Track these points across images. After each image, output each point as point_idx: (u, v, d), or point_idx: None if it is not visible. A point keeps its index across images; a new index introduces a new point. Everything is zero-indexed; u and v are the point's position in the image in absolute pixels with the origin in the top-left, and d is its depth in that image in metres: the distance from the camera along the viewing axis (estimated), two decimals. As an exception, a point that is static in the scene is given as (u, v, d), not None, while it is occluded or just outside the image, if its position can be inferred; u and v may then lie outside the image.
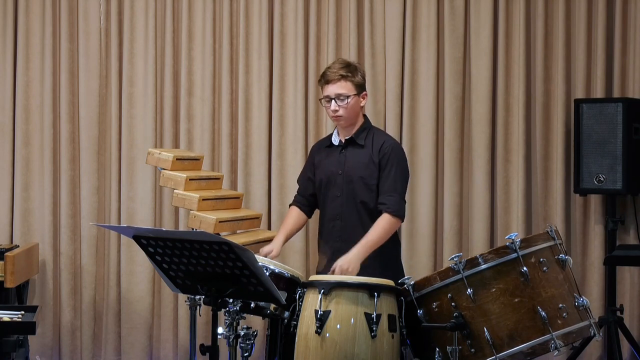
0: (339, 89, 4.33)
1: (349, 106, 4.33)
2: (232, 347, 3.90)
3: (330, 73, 4.35)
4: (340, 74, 4.33)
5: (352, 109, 4.35)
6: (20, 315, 4.27)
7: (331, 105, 4.33)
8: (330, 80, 4.34)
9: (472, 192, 5.76)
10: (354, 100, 4.34)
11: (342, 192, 4.38)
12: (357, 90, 4.35)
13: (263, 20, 5.84)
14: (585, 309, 3.84)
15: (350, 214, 4.36)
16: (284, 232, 4.55)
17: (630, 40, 5.67)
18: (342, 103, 4.32)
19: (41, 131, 5.90)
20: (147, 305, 5.89)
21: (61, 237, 5.91)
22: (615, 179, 5.44)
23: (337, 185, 4.40)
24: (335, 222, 4.40)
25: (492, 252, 3.79)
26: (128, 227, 4.33)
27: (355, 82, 4.35)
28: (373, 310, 3.75)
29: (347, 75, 4.33)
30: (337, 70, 4.34)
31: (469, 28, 5.79)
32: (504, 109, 5.76)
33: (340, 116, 4.34)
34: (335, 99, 4.33)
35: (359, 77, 4.38)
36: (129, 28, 5.89)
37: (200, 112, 5.89)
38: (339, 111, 4.33)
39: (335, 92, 4.33)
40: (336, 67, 4.37)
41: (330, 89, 4.34)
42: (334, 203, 4.40)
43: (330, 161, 4.45)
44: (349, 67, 4.37)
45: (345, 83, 4.33)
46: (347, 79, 4.33)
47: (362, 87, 4.40)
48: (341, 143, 4.44)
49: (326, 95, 4.36)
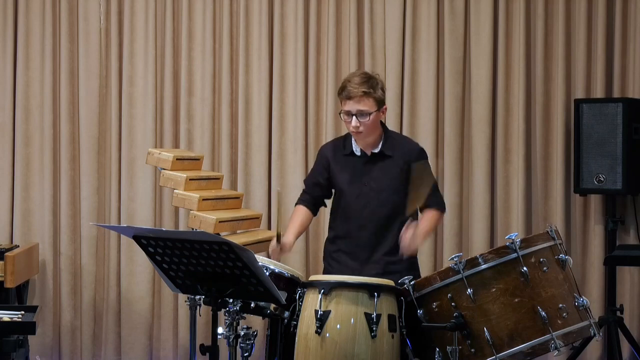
0: (360, 105, 4.22)
1: (370, 122, 4.25)
2: (232, 347, 3.89)
3: (352, 88, 4.23)
4: (362, 91, 4.21)
5: (373, 124, 4.27)
6: (20, 315, 4.27)
7: (352, 122, 4.24)
8: (352, 97, 4.23)
9: (472, 192, 5.76)
10: (375, 116, 4.25)
11: (368, 202, 4.32)
12: (378, 106, 4.26)
13: (263, 20, 5.84)
14: (585, 309, 3.84)
15: (378, 223, 4.31)
16: (294, 230, 4.42)
17: (630, 40, 5.67)
18: (363, 120, 4.22)
19: (41, 131, 5.90)
20: (147, 305, 5.89)
21: (61, 237, 5.91)
22: (615, 179, 5.44)
23: (362, 195, 4.32)
24: (362, 232, 4.32)
25: (492, 252, 3.78)
26: (128, 227, 4.33)
27: (376, 98, 4.25)
28: (373, 310, 3.75)
29: (369, 92, 4.22)
30: (358, 86, 4.22)
31: (469, 28, 5.79)
32: (504, 109, 5.76)
33: (360, 132, 4.28)
34: (356, 115, 4.24)
35: (380, 92, 4.27)
36: (129, 28, 5.89)
37: (200, 112, 5.90)
38: (359, 127, 4.26)
39: (357, 109, 4.22)
40: (357, 81, 4.25)
41: (351, 105, 4.23)
42: (360, 214, 4.32)
43: (353, 171, 4.37)
44: (370, 81, 4.26)
45: (367, 100, 4.23)
46: (369, 95, 4.22)
47: (383, 102, 4.30)
48: (365, 154, 4.37)
49: (347, 110, 4.26)
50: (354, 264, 4.33)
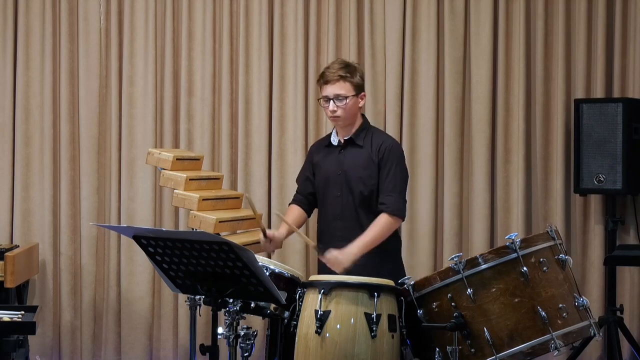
0: (337, 89, 4.32)
1: (347, 107, 4.33)
2: (232, 347, 3.90)
3: (329, 73, 4.35)
4: (339, 75, 4.32)
5: (351, 110, 4.35)
6: (20, 315, 4.27)
7: (329, 106, 4.33)
8: (329, 81, 4.34)
9: (472, 192, 5.76)
10: (352, 101, 4.34)
11: (341, 192, 4.38)
12: (356, 91, 4.35)
13: (263, 20, 5.84)
14: (585, 309, 3.84)
15: (350, 214, 4.36)
16: (285, 226, 4.49)
17: (630, 40, 5.67)
18: (340, 104, 4.32)
19: (41, 131, 5.90)
20: (147, 305, 5.89)
21: (61, 237, 5.91)
22: (615, 179, 5.44)
23: (336, 185, 4.40)
24: (337, 222, 4.39)
25: (492, 252, 3.78)
26: (128, 227, 4.33)
27: (354, 83, 4.35)
28: (373, 310, 3.75)
29: (346, 76, 4.33)
30: (336, 71, 4.34)
31: (469, 28, 5.79)
32: (504, 109, 5.76)
33: (338, 117, 4.34)
34: (333, 99, 4.33)
35: (358, 78, 4.37)
36: (129, 28, 5.89)
37: (200, 112, 5.90)
38: (337, 111, 4.33)
39: (334, 93, 4.33)
40: (335, 67, 4.37)
41: (328, 89, 4.34)
42: (334, 203, 4.40)
43: (329, 161, 4.45)
44: (348, 67, 4.37)
45: (344, 84, 4.33)
46: (345, 79, 4.33)
47: (361, 88, 4.40)
48: (340, 143, 4.44)
49: (325, 95, 4.36)
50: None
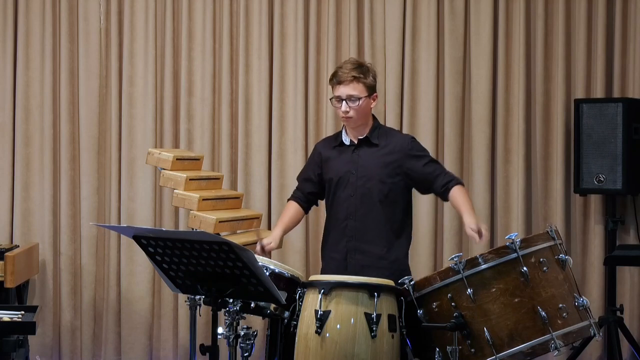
0: (350, 90, 4.29)
1: (359, 108, 4.29)
2: (232, 347, 3.89)
3: (342, 74, 4.31)
4: (352, 75, 4.28)
5: (363, 111, 4.32)
6: (20, 315, 4.27)
7: (342, 106, 4.30)
8: (342, 81, 4.30)
9: (472, 192, 5.76)
10: (365, 102, 4.31)
11: (355, 192, 4.35)
12: (369, 92, 4.32)
13: (263, 20, 5.84)
14: (585, 309, 3.84)
15: (365, 213, 4.33)
16: (282, 225, 4.51)
17: (630, 40, 5.67)
18: (353, 104, 4.28)
19: (41, 131, 5.90)
20: (147, 305, 5.89)
21: (61, 237, 5.91)
22: (615, 179, 5.44)
23: (349, 184, 4.36)
24: (348, 221, 4.36)
25: (492, 252, 3.78)
26: (128, 227, 4.33)
27: (367, 84, 4.31)
28: (373, 310, 3.75)
29: (359, 76, 4.29)
30: (349, 71, 4.29)
31: (469, 28, 5.79)
32: (504, 109, 5.76)
33: (350, 117, 4.32)
34: (346, 100, 4.30)
35: (371, 79, 4.34)
36: (129, 28, 5.89)
37: (200, 112, 5.90)
38: (349, 112, 4.30)
39: (347, 94, 4.28)
40: (348, 67, 4.32)
41: (341, 89, 4.30)
42: (347, 202, 4.37)
43: (341, 161, 4.41)
44: (361, 68, 4.33)
45: (357, 84, 4.29)
46: (359, 80, 4.29)
47: (373, 89, 4.36)
48: (353, 143, 4.41)
49: (337, 95, 4.32)
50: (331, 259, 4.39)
